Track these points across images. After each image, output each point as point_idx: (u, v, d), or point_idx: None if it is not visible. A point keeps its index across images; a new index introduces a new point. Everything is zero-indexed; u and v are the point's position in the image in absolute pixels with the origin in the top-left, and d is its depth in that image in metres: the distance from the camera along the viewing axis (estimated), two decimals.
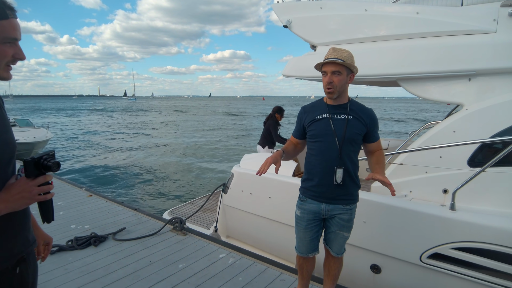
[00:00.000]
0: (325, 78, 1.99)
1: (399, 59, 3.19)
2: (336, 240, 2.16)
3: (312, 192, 2.07)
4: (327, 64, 1.98)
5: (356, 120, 2.03)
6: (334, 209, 2.05)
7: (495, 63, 2.73)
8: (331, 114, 2.03)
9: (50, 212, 1.17)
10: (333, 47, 2.05)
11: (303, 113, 2.17)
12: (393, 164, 3.10)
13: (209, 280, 2.83)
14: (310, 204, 2.09)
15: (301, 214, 2.14)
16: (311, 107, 2.15)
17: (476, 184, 2.51)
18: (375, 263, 2.81)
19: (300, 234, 2.19)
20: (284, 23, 3.79)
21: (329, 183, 2.01)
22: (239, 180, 3.86)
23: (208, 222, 4.78)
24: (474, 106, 2.79)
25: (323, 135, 2.01)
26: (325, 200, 2.05)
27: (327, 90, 2.01)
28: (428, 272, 2.53)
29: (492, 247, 2.24)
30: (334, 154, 1.98)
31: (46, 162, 1.10)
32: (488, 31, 2.77)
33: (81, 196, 5.11)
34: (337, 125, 2.00)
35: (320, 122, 2.04)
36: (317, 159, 2.04)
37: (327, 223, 2.15)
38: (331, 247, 2.21)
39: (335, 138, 1.98)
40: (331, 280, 2.33)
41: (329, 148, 1.99)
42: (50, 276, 2.84)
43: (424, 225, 2.52)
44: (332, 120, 2.01)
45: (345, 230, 2.13)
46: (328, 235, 2.19)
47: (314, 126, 2.06)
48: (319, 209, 2.07)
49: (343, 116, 2.02)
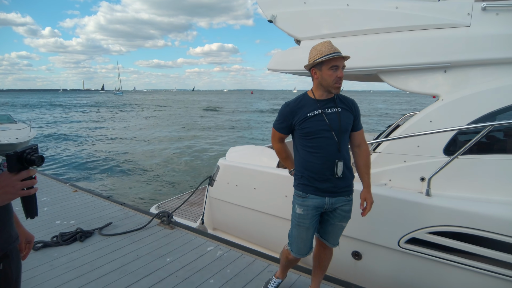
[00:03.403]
0: (336, 73, 1.94)
1: (379, 52, 3.28)
2: (334, 231, 2.17)
3: (314, 188, 2.04)
4: (338, 59, 1.93)
5: (345, 111, 2.06)
6: (337, 202, 2.06)
7: (469, 55, 2.83)
8: (322, 109, 2.01)
9: (33, 207, 1.15)
10: (328, 40, 2.02)
11: (289, 111, 2.07)
12: (374, 154, 3.20)
13: (197, 273, 2.84)
14: (313, 200, 2.05)
15: (304, 212, 2.06)
16: (297, 104, 2.07)
17: (451, 171, 2.64)
18: (356, 250, 2.92)
19: (302, 234, 2.11)
20: (268, 18, 3.81)
21: (331, 177, 2.01)
22: (225, 172, 3.91)
23: (195, 216, 4.80)
24: (449, 97, 2.89)
25: (320, 131, 1.98)
26: (328, 194, 2.04)
27: (336, 85, 1.96)
28: (406, 256, 2.64)
29: (465, 230, 2.35)
30: (333, 148, 1.99)
31: (29, 156, 1.07)
32: (463, 25, 2.86)
33: (66, 192, 5.02)
34: (331, 119, 1.99)
35: (314, 118, 2.00)
36: (317, 155, 2.00)
37: (326, 216, 2.13)
38: (327, 239, 2.20)
39: (332, 133, 1.98)
40: (321, 271, 2.37)
41: (328, 143, 1.98)
42: (35, 272, 2.80)
43: (401, 211, 2.63)
44: (325, 115, 2.00)
45: (345, 221, 2.15)
46: (326, 228, 2.17)
47: (307, 123, 2.00)
48: (323, 203, 2.05)
49: (333, 109, 2.02)
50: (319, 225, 2.20)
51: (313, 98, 2.06)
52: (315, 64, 1.98)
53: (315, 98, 2.05)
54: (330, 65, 1.94)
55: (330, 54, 1.92)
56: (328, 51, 1.94)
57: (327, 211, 2.10)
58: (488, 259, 2.30)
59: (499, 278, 2.26)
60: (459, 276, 2.45)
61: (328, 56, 1.92)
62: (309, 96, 2.08)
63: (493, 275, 2.28)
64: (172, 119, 32.95)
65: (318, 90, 2.04)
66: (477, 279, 2.37)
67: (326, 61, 1.94)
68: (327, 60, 1.93)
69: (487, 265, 2.30)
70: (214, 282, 2.71)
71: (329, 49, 1.94)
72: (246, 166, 3.69)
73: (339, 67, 1.94)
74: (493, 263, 2.28)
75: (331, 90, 1.99)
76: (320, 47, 1.98)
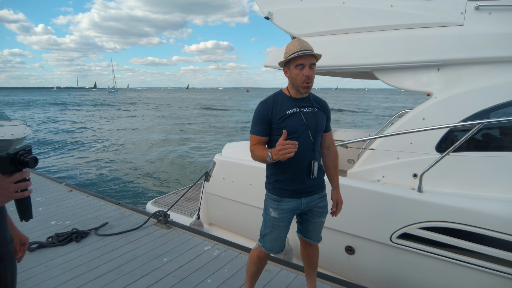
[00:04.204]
0: (302, 72, 1.86)
1: (374, 50, 3.32)
2: (316, 228, 2.18)
3: (290, 191, 2.01)
4: (304, 57, 1.86)
5: (320, 111, 2.04)
6: (311, 200, 2.06)
7: (462, 54, 2.88)
8: (300, 108, 1.96)
9: (28, 209, 1.13)
10: (298, 38, 1.97)
11: (267, 107, 1.96)
12: (368, 150, 3.24)
13: (195, 272, 2.83)
14: (288, 203, 2.01)
15: (279, 215, 2.02)
16: (274, 101, 1.97)
17: (443, 168, 2.69)
18: (349, 245, 2.97)
19: (276, 235, 2.08)
20: (265, 15, 3.83)
21: (306, 178, 1.99)
22: (221, 168, 3.95)
23: (191, 211, 4.82)
24: (442, 95, 2.94)
25: (298, 131, 1.93)
26: (304, 194, 2.03)
27: (305, 85, 1.89)
28: (398, 251, 2.69)
29: (456, 226, 2.39)
30: (309, 148, 1.96)
31: (23, 158, 1.05)
32: (456, 24, 2.91)
33: (61, 192, 4.97)
34: (308, 118, 1.96)
35: (292, 117, 1.93)
36: (294, 156, 1.87)
37: (305, 216, 2.13)
38: (310, 237, 2.20)
39: (309, 132, 1.95)
40: (313, 268, 2.38)
41: (304, 143, 1.94)
42: (30, 274, 2.77)
43: (393, 207, 2.68)
44: (303, 114, 1.96)
45: (324, 216, 2.16)
46: (308, 227, 2.17)
47: (286, 122, 1.92)
48: (298, 205, 2.03)
49: (310, 108, 1.99)
50: (300, 225, 2.20)
51: (289, 96, 2.00)
52: (285, 63, 1.94)
53: (291, 96, 1.99)
54: (296, 63, 1.87)
55: (295, 52, 1.85)
56: (296, 49, 1.86)
57: (304, 211, 2.09)
58: (478, 254, 2.34)
59: (489, 273, 2.31)
60: (450, 271, 2.49)
61: (294, 55, 1.85)
62: (285, 94, 2.01)
63: (484, 270, 2.32)
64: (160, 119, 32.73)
65: (292, 89, 1.98)
66: (467, 274, 2.41)
67: (292, 59, 1.88)
68: (293, 59, 1.87)
69: (478, 260, 2.34)
70: (212, 282, 2.70)
71: (296, 47, 1.86)
72: (242, 162, 3.71)
73: (305, 65, 1.86)
74: (483, 258, 2.33)
75: (300, 89, 1.92)
76: (290, 46, 1.91)
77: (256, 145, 1.97)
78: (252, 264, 2.25)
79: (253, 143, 1.99)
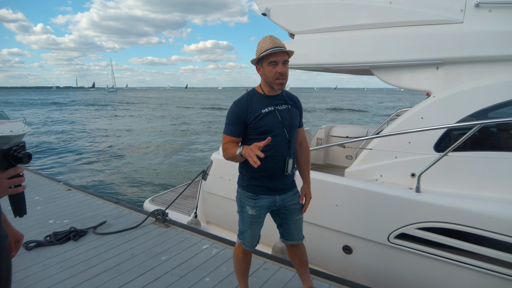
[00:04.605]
0: (275, 69, 1.85)
1: (372, 47, 3.30)
2: (296, 227, 2.16)
3: (265, 188, 2.01)
4: (277, 54, 1.84)
5: (294, 108, 2.06)
6: (285, 198, 2.07)
7: (461, 52, 2.85)
8: (274, 106, 1.96)
9: (22, 205, 1.13)
10: (270, 35, 1.96)
11: (241, 107, 1.93)
12: (365, 150, 3.22)
13: (193, 271, 2.83)
14: (265, 200, 2.03)
15: (257, 213, 2.04)
16: (248, 100, 1.96)
17: (442, 168, 2.67)
18: (347, 244, 2.95)
19: (254, 231, 2.12)
20: (262, 11, 3.81)
21: (281, 175, 2.00)
22: (218, 166, 3.93)
23: (189, 209, 4.81)
24: (441, 94, 2.92)
25: (275, 129, 1.93)
26: (278, 192, 2.03)
27: (278, 81, 1.88)
28: (395, 251, 2.68)
29: (453, 226, 2.38)
30: (285, 146, 1.97)
31: (16, 154, 1.04)
32: (456, 21, 2.87)
33: (59, 190, 4.96)
34: (283, 116, 1.97)
35: (268, 116, 1.92)
36: (270, 154, 1.91)
37: (283, 215, 2.13)
38: (293, 238, 2.18)
39: (284, 130, 1.96)
40: (305, 267, 2.35)
41: (280, 141, 1.95)
42: (28, 272, 2.76)
43: (391, 207, 2.67)
44: (278, 112, 1.96)
45: (301, 213, 2.16)
46: (289, 227, 2.15)
47: (263, 121, 1.91)
48: (274, 202, 2.04)
49: (284, 106, 2.00)
50: (281, 228, 2.19)
51: (263, 94, 1.98)
52: (257, 61, 1.93)
53: (265, 94, 1.98)
54: (268, 60, 1.86)
55: (268, 50, 1.83)
56: (268, 46, 1.85)
57: (281, 210, 2.10)
58: (475, 255, 2.33)
59: (486, 273, 2.30)
60: (447, 271, 2.48)
61: (266, 52, 1.84)
62: (259, 92, 2.00)
63: (480, 271, 2.32)
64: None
65: (266, 87, 1.97)
66: (464, 274, 2.40)
67: (265, 57, 1.86)
68: (266, 56, 1.86)
69: (475, 260, 2.33)
70: (210, 280, 2.70)
71: (268, 44, 1.85)
72: None
73: (278, 62, 1.85)
74: (480, 258, 2.32)
75: (273, 86, 1.91)
76: (261, 43, 1.89)
77: (227, 144, 1.94)
78: (239, 261, 2.27)
79: (226, 144, 1.95)
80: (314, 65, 3.63)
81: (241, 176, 2.11)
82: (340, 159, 5.54)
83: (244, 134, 1.98)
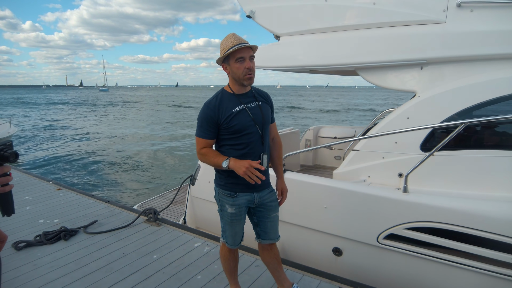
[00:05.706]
0: (243, 64, 1.87)
1: (357, 48, 3.30)
2: (273, 225, 2.16)
3: (242, 185, 2.01)
4: (242, 50, 1.86)
5: (264, 103, 2.08)
6: (263, 195, 2.08)
7: (444, 52, 2.89)
8: (245, 104, 1.98)
9: (10, 205, 1.13)
10: (232, 33, 1.97)
11: (212, 108, 1.93)
12: (352, 151, 3.24)
13: (185, 269, 2.84)
14: (242, 197, 2.04)
15: (236, 211, 2.05)
16: (218, 100, 1.96)
17: (428, 167, 2.70)
18: (337, 246, 2.97)
19: (236, 229, 2.12)
20: (247, 13, 3.77)
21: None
22: (206, 171, 3.89)
23: (177, 215, 4.79)
24: (425, 94, 2.95)
25: (247, 127, 1.96)
26: (255, 189, 2.05)
27: (247, 77, 1.90)
28: (385, 252, 2.71)
29: (441, 225, 2.42)
30: (258, 142, 2.00)
31: (3, 153, 1.04)
32: (438, 21, 2.90)
33: (49, 190, 4.92)
34: (254, 113, 1.99)
35: (239, 115, 1.94)
36: (245, 152, 1.96)
37: (259, 214, 2.12)
38: (270, 236, 2.16)
39: (256, 127, 1.98)
40: (280, 265, 2.31)
41: (254, 138, 1.98)
42: (17, 272, 2.75)
43: (379, 208, 2.69)
44: (249, 110, 1.98)
45: (277, 210, 2.17)
46: (265, 226, 2.14)
47: (235, 120, 1.92)
48: (252, 199, 2.06)
49: (254, 103, 2.02)
50: (258, 227, 2.18)
51: (232, 93, 1.99)
52: (223, 59, 1.93)
53: (234, 93, 1.99)
54: (235, 57, 1.87)
55: (234, 46, 1.84)
56: (233, 44, 1.86)
57: (258, 208, 2.11)
58: (465, 253, 2.37)
59: (476, 272, 2.34)
60: (437, 271, 2.52)
61: (232, 49, 1.84)
62: (228, 92, 2.00)
63: (470, 269, 2.35)
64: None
65: (235, 85, 1.98)
66: (454, 274, 2.44)
67: (231, 54, 1.88)
68: (232, 54, 1.87)
69: (464, 259, 2.37)
70: (202, 278, 2.72)
71: (232, 41, 1.87)
72: None
73: (245, 58, 1.87)
74: (470, 257, 2.35)
75: (243, 82, 1.93)
76: (225, 41, 1.90)
77: (207, 149, 1.98)
78: (226, 260, 2.29)
79: (201, 146, 1.98)
80: (300, 67, 3.63)
81: (218, 175, 2.11)
82: (329, 159, 5.58)
83: (217, 135, 1.99)
